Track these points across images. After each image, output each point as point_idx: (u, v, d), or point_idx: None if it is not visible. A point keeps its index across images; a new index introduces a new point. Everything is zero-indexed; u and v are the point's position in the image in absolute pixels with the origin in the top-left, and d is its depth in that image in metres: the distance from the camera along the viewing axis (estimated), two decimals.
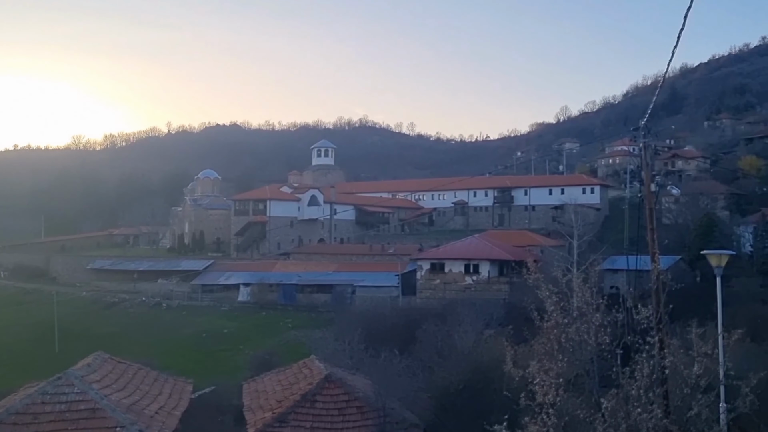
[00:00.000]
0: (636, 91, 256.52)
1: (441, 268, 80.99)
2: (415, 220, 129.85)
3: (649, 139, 18.75)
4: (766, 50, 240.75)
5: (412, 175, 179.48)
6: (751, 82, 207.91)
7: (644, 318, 12.16)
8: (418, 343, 40.63)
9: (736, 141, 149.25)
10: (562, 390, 12.03)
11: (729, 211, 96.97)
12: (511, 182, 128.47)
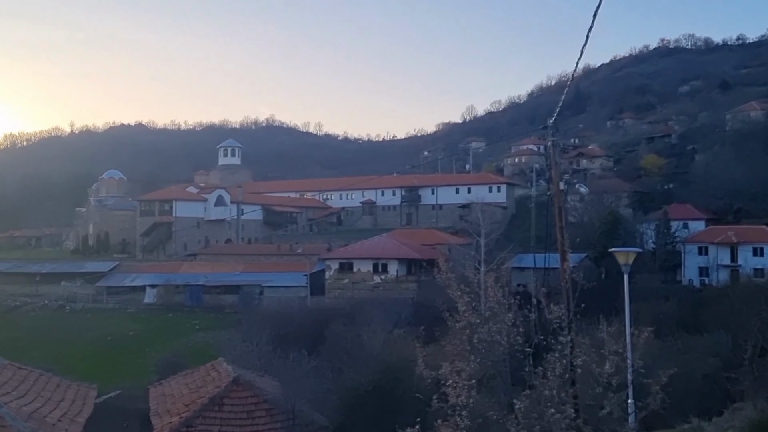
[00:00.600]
0: (541, 91, 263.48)
1: (349, 267, 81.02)
2: (323, 220, 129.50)
3: (557, 137, 18.95)
4: (666, 52, 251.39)
5: (320, 175, 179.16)
6: (652, 82, 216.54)
7: (556, 317, 12.19)
8: (327, 343, 40.38)
9: (638, 140, 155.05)
10: (475, 391, 11.92)
11: (632, 209, 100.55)
12: (418, 181, 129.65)
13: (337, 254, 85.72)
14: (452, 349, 12.64)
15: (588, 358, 11.84)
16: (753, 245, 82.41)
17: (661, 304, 66.76)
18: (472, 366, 12.21)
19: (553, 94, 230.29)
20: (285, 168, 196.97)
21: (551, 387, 11.45)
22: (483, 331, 12.44)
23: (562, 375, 11.65)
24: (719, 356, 51.64)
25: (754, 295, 63.32)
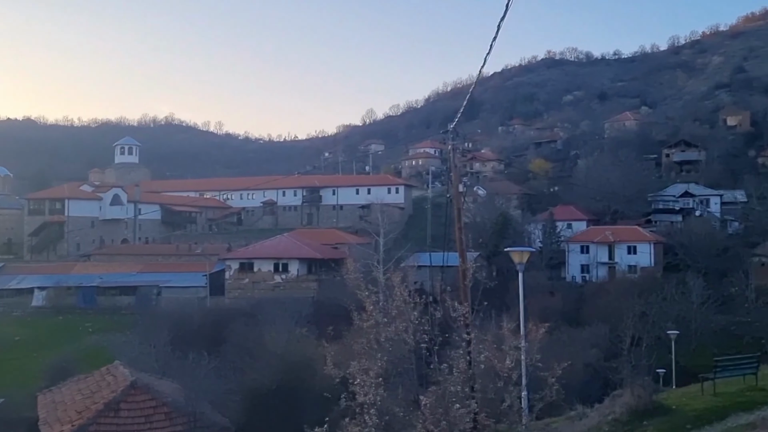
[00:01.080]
0: (437, 97, 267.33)
1: (250, 267, 79.79)
2: (223, 220, 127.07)
3: (457, 141, 19.13)
4: (552, 63, 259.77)
5: (220, 175, 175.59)
6: (539, 91, 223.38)
7: (460, 315, 12.25)
8: (229, 343, 39.57)
9: (527, 145, 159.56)
10: (382, 389, 11.83)
11: (521, 210, 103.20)
12: (319, 182, 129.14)
13: (238, 254, 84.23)
14: (359, 347, 12.52)
15: (490, 353, 11.97)
16: (627, 244, 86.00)
17: (548, 299, 69.01)
18: (379, 364, 12.12)
19: (449, 100, 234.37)
20: (184, 167, 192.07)
21: (456, 383, 11.51)
22: (390, 329, 12.37)
23: (466, 371, 11.74)
24: (598, 347, 53.89)
25: (628, 289, 66.51)
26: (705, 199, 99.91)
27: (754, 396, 21.32)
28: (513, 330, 12.67)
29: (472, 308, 12.94)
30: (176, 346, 34.61)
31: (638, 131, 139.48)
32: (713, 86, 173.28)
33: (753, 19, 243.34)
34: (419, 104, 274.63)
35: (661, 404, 21.16)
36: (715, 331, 62.86)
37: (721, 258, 78.70)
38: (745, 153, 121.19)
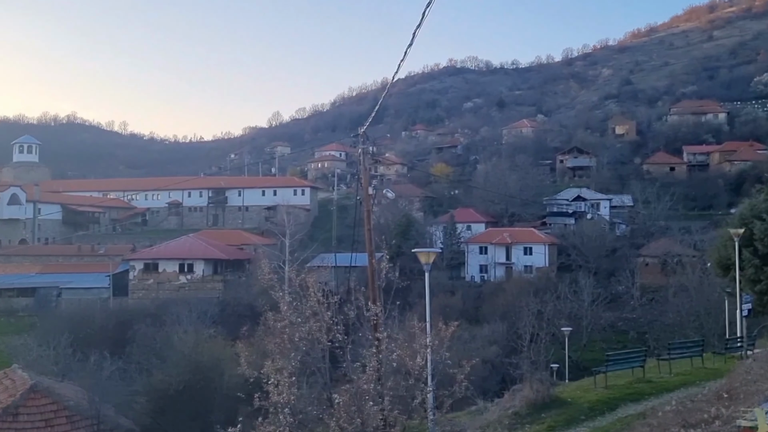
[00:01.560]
0: (343, 101, 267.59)
1: (155, 267, 77.76)
2: (127, 221, 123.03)
3: (367, 144, 19.16)
4: (453, 71, 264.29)
5: (124, 175, 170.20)
6: (441, 98, 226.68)
7: (373, 315, 12.27)
8: (134, 345, 38.34)
9: (429, 150, 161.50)
10: (296, 388, 11.72)
11: (423, 212, 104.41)
12: (225, 183, 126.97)
13: (142, 255, 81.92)
14: (273, 347, 12.35)
15: (402, 352, 12.03)
16: (524, 245, 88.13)
17: (448, 298, 70.16)
18: (293, 364, 12.00)
19: (354, 104, 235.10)
20: (87, 167, 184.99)
21: (368, 381, 11.50)
22: (304, 329, 12.26)
23: (378, 369, 11.76)
24: (497, 343, 55.17)
25: (524, 289, 68.35)
26: (596, 203, 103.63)
27: (642, 387, 22.30)
28: (423, 328, 12.77)
29: (384, 308, 13.00)
30: (78, 348, 33.27)
31: (534, 138, 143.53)
32: (603, 97, 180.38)
33: (639, 35, 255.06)
34: (325, 108, 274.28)
35: (558, 397, 21.83)
36: (604, 327, 65.41)
37: (610, 258, 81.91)
38: (632, 160, 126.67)
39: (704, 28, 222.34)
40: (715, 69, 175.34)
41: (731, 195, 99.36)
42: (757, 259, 32.15)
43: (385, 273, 12.92)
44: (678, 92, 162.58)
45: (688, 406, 12.76)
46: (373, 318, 12.44)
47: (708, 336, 40.79)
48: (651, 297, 66.10)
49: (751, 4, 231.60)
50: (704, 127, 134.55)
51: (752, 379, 11.49)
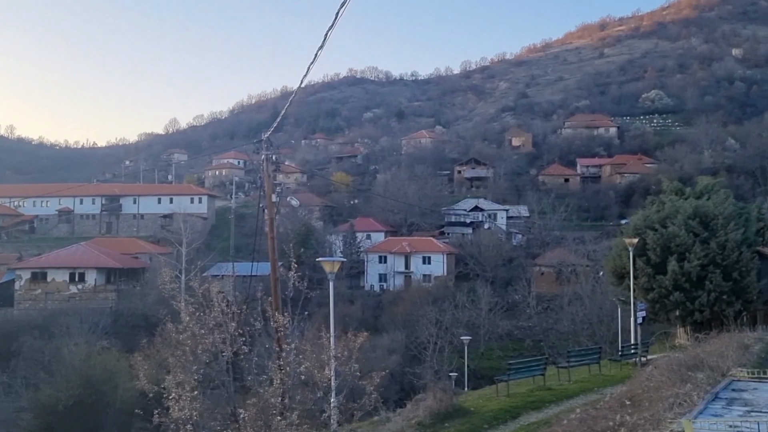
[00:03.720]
0: (242, 108, 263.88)
1: (43, 277, 74.17)
2: (14, 228, 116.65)
3: (271, 151, 18.73)
4: (353, 81, 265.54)
5: (11, 181, 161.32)
6: (341, 107, 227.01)
7: (280, 326, 11.86)
8: (20, 358, 36.13)
9: (329, 159, 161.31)
10: (198, 403, 11.15)
11: (323, 221, 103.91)
12: (119, 190, 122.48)
13: (29, 263, 77.94)
14: (174, 360, 11.73)
15: (310, 364, 11.66)
16: (422, 254, 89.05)
17: (348, 307, 70.00)
18: (195, 377, 11.42)
19: (253, 112, 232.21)
20: None
21: (275, 394, 11.08)
22: (207, 341, 11.70)
23: (286, 382, 11.36)
24: (397, 353, 55.36)
25: (423, 298, 69.03)
26: (493, 213, 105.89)
27: (543, 395, 22.69)
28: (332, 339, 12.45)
29: (292, 318, 12.62)
30: None
31: (433, 149, 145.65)
32: (500, 109, 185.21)
33: (534, 50, 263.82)
34: (224, 115, 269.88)
35: (461, 406, 21.91)
36: (501, 335, 66.76)
37: (507, 268, 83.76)
38: (528, 171, 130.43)
39: (596, 45, 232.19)
40: (606, 85, 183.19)
41: (621, 206, 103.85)
42: (650, 268, 33.56)
43: (293, 282, 12.55)
44: (571, 106, 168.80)
45: (592, 414, 12.96)
46: (280, 329, 12.04)
47: (600, 343, 42.19)
48: (546, 305, 67.86)
49: (639, 24, 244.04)
50: (596, 141, 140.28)
51: (654, 386, 11.76)
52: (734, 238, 33.16)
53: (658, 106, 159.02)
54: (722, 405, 6.09)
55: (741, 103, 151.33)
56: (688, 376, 10.93)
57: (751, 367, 10.94)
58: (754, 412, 5.84)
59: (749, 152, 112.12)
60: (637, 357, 27.80)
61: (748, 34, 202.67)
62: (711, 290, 32.25)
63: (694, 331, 32.01)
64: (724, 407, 6.02)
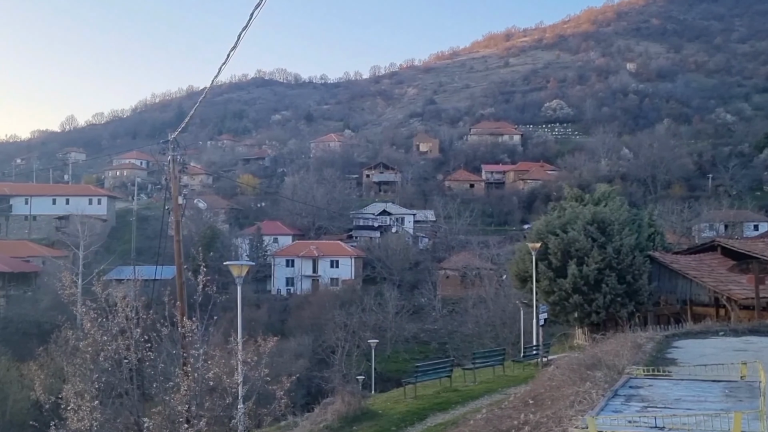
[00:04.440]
0: (145, 108, 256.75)
1: None
2: None
3: (177, 152, 18.35)
4: (262, 83, 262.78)
5: None
6: (248, 109, 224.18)
7: (188, 331, 11.60)
8: None
9: (236, 161, 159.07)
10: (99, 413, 10.77)
11: (229, 224, 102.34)
12: (9, 190, 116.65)
13: None
14: (73, 369, 11.28)
15: (219, 370, 11.45)
16: (330, 258, 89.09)
17: (254, 311, 69.23)
18: (96, 386, 11.02)
19: (157, 111, 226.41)
20: None
21: (182, 401, 10.83)
22: (110, 348, 11.33)
23: (193, 388, 11.11)
24: (304, 357, 55.17)
25: (331, 301, 69.05)
26: (400, 217, 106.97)
27: (449, 396, 23.07)
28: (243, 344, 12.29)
29: (201, 323, 12.37)
30: None
31: (342, 152, 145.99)
32: (408, 115, 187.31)
33: (442, 57, 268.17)
34: (126, 114, 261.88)
35: (369, 409, 22.02)
36: (407, 338, 67.46)
37: (413, 271, 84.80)
38: (435, 176, 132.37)
39: (501, 54, 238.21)
40: (511, 93, 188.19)
41: (524, 211, 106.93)
42: (551, 272, 34.69)
43: (202, 287, 12.29)
44: (477, 113, 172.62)
45: (497, 414, 13.28)
46: (188, 335, 11.79)
47: (503, 344, 43.28)
48: (451, 308, 69.00)
49: (542, 36, 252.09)
50: (501, 148, 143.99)
51: (555, 385, 12.17)
52: (628, 243, 34.70)
53: (559, 116, 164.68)
54: (621, 402, 6.40)
55: (634, 115, 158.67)
56: (588, 375, 11.36)
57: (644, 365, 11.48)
58: (650, 407, 6.17)
59: (641, 161, 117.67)
60: (539, 357, 28.64)
61: (641, 50, 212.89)
62: (607, 293, 33.63)
63: (592, 331, 33.29)
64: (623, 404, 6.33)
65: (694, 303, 35.13)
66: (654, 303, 36.71)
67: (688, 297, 34.80)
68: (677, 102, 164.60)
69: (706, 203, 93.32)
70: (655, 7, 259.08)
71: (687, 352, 17.29)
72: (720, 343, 19.54)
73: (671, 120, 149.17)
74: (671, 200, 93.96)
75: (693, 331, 22.76)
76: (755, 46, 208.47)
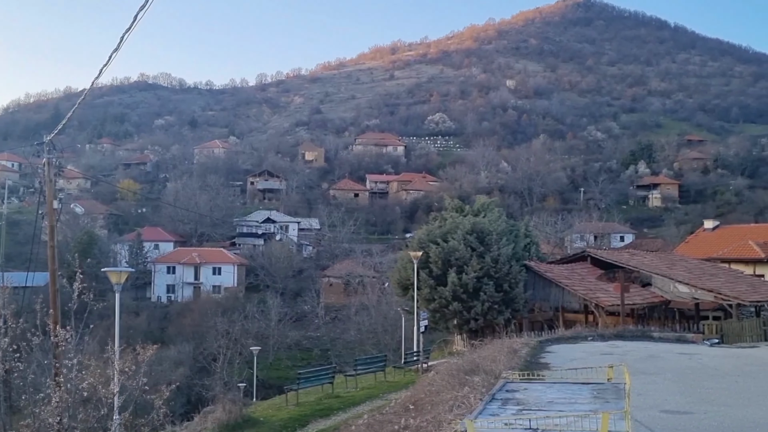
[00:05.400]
0: (18, 107, 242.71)
1: None
2: None
3: (53, 155, 17.48)
4: (145, 86, 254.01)
5: None
6: (131, 113, 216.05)
7: (61, 340, 11.00)
8: None
9: (116, 165, 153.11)
10: None
11: (108, 230, 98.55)
12: None
13: None
14: None
15: (94, 380, 10.93)
16: (213, 265, 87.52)
17: (133, 319, 66.96)
18: None
19: (31, 112, 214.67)
20: None
21: (54, 413, 10.24)
22: None
23: (66, 399, 10.54)
24: (185, 365, 53.75)
25: (213, 309, 67.71)
26: (285, 225, 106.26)
27: (331, 403, 23.05)
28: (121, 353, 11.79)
29: (76, 332, 11.77)
30: None
31: (226, 159, 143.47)
32: (294, 123, 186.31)
33: (329, 67, 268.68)
34: None
35: (251, 417, 21.69)
36: (290, 345, 66.97)
37: (297, 279, 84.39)
38: (319, 185, 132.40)
39: (387, 67, 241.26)
40: (395, 106, 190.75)
41: (407, 221, 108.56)
42: (432, 280, 35.34)
43: (77, 294, 11.71)
44: (363, 124, 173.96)
45: (378, 419, 13.37)
46: (61, 344, 11.19)
47: (385, 351, 43.67)
48: (334, 315, 69.09)
49: (426, 51, 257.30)
50: (385, 158, 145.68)
51: (435, 390, 12.39)
52: (506, 252, 35.86)
53: (442, 129, 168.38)
54: (498, 405, 6.57)
55: (513, 130, 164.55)
56: (466, 380, 11.62)
57: (520, 369, 11.88)
58: (525, 410, 6.37)
59: (519, 174, 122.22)
60: (419, 363, 29.06)
61: (520, 68, 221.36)
62: (485, 300, 34.59)
63: (470, 338, 34.16)
64: (500, 407, 6.50)
65: (566, 310, 36.76)
66: (529, 310, 38.10)
67: (561, 304, 36.35)
68: (552, 119, 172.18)
69: (577, 215, 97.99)
70: (533, 28, 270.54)
71: (559, 356, 18.04)
72: (589, 348, 20.52)
73: (547, 135, 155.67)
74: (546, 212, 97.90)
75: (564, 337, 23.81)
76: (623, 69, 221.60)
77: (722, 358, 18.98)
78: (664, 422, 9.80)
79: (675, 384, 13.43)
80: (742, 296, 32.71)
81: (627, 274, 35.51)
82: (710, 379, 14.28)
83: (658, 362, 17.03)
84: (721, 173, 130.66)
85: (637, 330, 27.11)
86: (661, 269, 36.97)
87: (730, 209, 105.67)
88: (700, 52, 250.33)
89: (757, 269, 45.67)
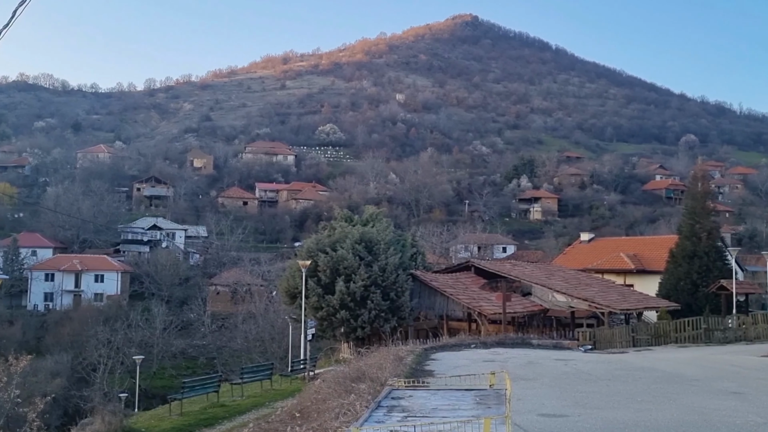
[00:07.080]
0: None
1: None
2: None
3: None
4: (24, 87, 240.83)
5: None
6: (8, 113, 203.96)
7: None
8: None
9: None
10: None
11: None
12: None
13: None
14: None
15: None
16: (95, 272, 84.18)
17: (6, 329, 63.57)
18: None
19: None
20: None
21: None
22: None
23: None
24: (62, 375, 51.25)
25: (94, 317, 65.07)
26: (172, 232, 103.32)
27: (216, 412, 22.47)
28: None
29: None
30: None
31: (111, 164, 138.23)
32: (183, 130, 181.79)
33: (220, 75, 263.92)
34: None
35: (132, 428, 20.81)
36: (174, 354, 65.03)
37: (183, 287, 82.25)
38: (208, 193, 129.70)
39: (278, 77, 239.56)
40: (286, 115, 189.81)
41: (296, 230, 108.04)
42: (320, 288, 35.19)
43: None
44: (253, 133, 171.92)
45: (263, 427, 13.08)
46: None
47: (272, 359, 43.15)
48: (221, 324, 67.65)
49: (318, 62, 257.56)
50: (275, 167, 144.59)
51: (321, 398, 12.24)
52: (393, 261, 36.21)
53: (332, 139, 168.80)
54: (384, 412, 6.53)
55: (401, 143, 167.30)
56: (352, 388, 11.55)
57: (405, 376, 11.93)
58: (410, 417, 6.35)
59: (407, 186, 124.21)
60: (306, 371, 28.83)
61: (409, 82, 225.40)
62: (372, 308, 34.77)
63: (357, 345, 34.15)
64: (386, 414, 6.46)
65: (450, 318, 37.49)
66: (415, 318, 38.60)
67: (445, 312, 37.05)
68: (440, 133, 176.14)
69: (462, 227, 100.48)
70: (423, 44, 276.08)
71: (443, 363, 18.30)
72: (472, 355, 20.93)
73: (434, 149, 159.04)
74: (432, 223, 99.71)
75: (449, 344, 24.21)
76: (508, 86, 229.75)
77: (595, 363, 19.79)
78: (542, 425, 10.07)
79: (552, 389, 13.86)
80: (614, 305, 34.44)
81: (509, 283, 36.65)
82: (584, 384, 14.84)
83: (537, 368, 17.56)
84: (596, 189, 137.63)
85: (517, 338, 27.95)
86: (541, 279, 38.38)
87: (604, 223, 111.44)
88: (578, 73, 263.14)
89: (627, 279, 48.23)
